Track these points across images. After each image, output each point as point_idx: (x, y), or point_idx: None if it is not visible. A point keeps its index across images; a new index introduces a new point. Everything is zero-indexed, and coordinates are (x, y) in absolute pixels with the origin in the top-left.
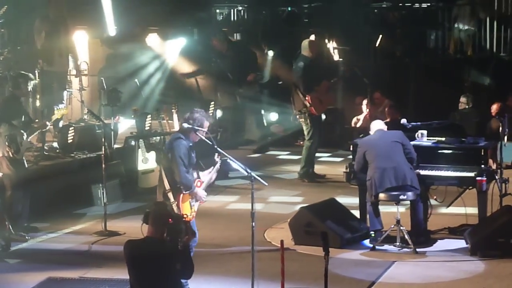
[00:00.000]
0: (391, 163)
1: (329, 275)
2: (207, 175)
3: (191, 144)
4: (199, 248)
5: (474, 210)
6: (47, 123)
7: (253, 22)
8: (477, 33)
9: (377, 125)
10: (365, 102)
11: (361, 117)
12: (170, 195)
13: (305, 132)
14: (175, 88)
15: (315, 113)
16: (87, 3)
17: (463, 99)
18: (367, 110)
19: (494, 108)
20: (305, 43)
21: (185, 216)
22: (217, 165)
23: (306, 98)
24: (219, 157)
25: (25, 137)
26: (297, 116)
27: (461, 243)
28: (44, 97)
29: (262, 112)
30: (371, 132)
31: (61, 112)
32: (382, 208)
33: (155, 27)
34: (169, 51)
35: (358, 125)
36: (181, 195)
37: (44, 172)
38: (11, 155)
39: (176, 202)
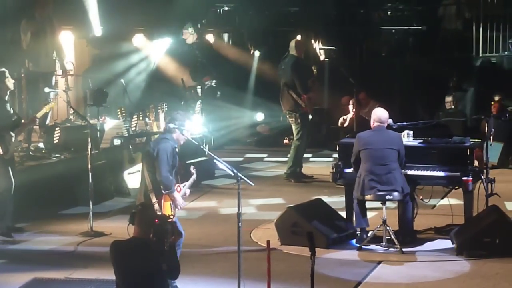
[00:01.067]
0: (383, 170)
1: (315, 275)
2: (186, 187)
3: (175, 146)
4: (185, 248)
5: (460, 210)
6: (36, 119)
7: (239, 22)
8: (463, 33)
9: (378, 116)
10: (352, 102)
11: (348, 117)
12: (152, 195)
13: (295, 132)
14: (161, 88)
15: (308, 111)
16: (73, 3)
17: (448, 99)
18: (354, 110)
19: (495, 105)
20: (292, 43)
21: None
22: (193, 176)
23: (302, 97)
24: (195, 168)
25: (13, 138)
26: (287, 116)
27: (447, 243)
28: (30, 97)
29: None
30: (371, 121)
31: (50, 105)
32: (369, 208)
33: (141, 27)
34: (155, 51)
35: (345, 125)
36: (163, 195)
37: (29, 172)
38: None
39: (158, 202)
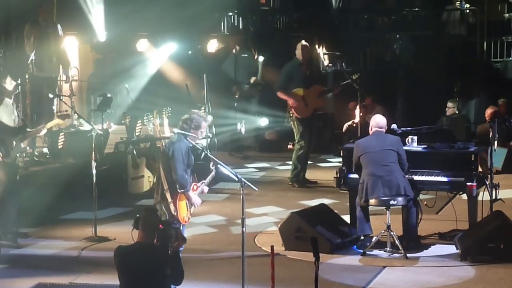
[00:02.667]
0: (385, 171)
1: (319, 280)
2: (205, 184)
3: (191, 145)
4: (189, 253)
5: (464, 216)
6: (45, 127)
7: (244, 27)
8: (467, 38)
9: (377, 122)
10: (358, 107)
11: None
12: (168, 194)
13: (295, 135)
14: (166, 94)
15: (297, 115)
16: (77, 8)
17: (449, 105)
18: (361, 114)
19: (488, 112)
20: (298, 45)
21: (181, 218)
22: (212, 173)
23: (289, 100)
24: (214, 165)
25: (14, 143)
26: (288, 119)
27: (451, 249)
28: (34, 102)
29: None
30: (370, 127)
31: (59, 121)
32: (373, 213)
33: (145, 32)
34: (159, 57)
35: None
36: (179, 194)
37: (34, 177)
38: (0, 159)
39: (173, 202)
